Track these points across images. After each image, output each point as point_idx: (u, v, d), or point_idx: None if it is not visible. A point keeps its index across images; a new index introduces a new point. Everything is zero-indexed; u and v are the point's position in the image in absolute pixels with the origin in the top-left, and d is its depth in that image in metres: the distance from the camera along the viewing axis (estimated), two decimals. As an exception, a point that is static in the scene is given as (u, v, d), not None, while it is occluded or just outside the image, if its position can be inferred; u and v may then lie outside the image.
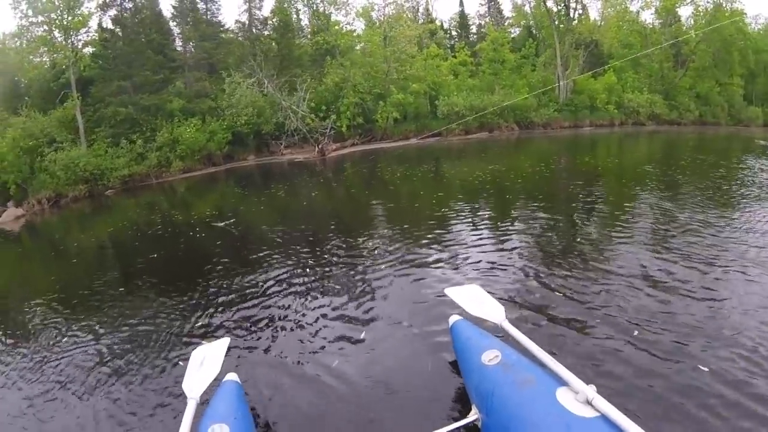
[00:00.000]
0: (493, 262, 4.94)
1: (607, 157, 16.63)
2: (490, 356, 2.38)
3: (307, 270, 5.36)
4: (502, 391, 2.13)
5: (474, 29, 38.40)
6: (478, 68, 29.26)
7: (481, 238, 5.92)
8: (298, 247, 6.37)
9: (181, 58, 23.24)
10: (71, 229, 12.50)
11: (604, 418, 1.81)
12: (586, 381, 2.02)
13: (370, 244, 6.12)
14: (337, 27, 24.89)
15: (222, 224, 8.36)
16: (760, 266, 4.36)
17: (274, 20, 24.54)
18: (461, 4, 40.36)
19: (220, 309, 4.47)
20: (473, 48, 31.16)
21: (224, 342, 3.07)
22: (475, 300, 3.21)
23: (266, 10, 25.79)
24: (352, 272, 5.11)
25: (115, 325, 4.48)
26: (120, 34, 21.27)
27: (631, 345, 3.12)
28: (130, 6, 21.89)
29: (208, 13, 24.80)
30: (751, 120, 34.81)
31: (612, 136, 24.90)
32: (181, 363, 3.43)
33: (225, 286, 5.11)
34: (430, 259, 5.21)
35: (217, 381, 2.72)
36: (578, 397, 1.93)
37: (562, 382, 2.07)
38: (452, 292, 3.41)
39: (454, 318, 3.00)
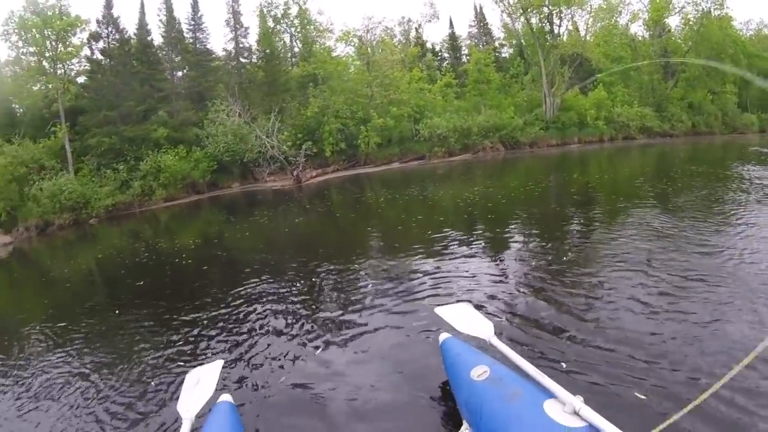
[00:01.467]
0: (482, 281, 5.03)
1: (597, 173, 16.46)
2: (479, 372, 2.42)
3: (296, 294, 5.46)
4: (491, 406, 2.17)
5: (465, 50, 38.58)
6: (463, 89, 29.29)
7: (470, 258, 5.98)
8: (285, 271, 6.43)
9: (170, 87, 23.66)
10: (59, 257, 12.70)
11: (592, 427, 1.84)
12: (574, 392, 2.05)
13: (358, 266, 6.18)
14: (327, 53, 25.15)
15: None
16: (750, 281, 4.30)
17: (259, 49, 24.95)
18: (451, 25, 40.16)
19: (211, 333, 4.54)
20: (461, 68, 31.30)
21: (218, 364, 3.13)
22: (465, 318, 3.27)
23: (252, 38, 26.28)
24: (342, 295, 5.21)
25: (110, 348, 4.58)
26: (108, 65, 21.82)
27: (621, 357, 3.16)
28: (118, 38, 22.45)
29: (197, 41, 25.28)
30: (747, 127, 34.40)
31: (602, 153, 24.69)
32: (174, 385, 3.51)
33: (215, 310, 5.17)
34: (420, 280, 5.28)
35: (212, 402, 2.74)
36: (565, 408, 1.96)
37: (550, 394, 2.11)
38: (442, 311, 3.46)
39: (443, 336, 3.04)
